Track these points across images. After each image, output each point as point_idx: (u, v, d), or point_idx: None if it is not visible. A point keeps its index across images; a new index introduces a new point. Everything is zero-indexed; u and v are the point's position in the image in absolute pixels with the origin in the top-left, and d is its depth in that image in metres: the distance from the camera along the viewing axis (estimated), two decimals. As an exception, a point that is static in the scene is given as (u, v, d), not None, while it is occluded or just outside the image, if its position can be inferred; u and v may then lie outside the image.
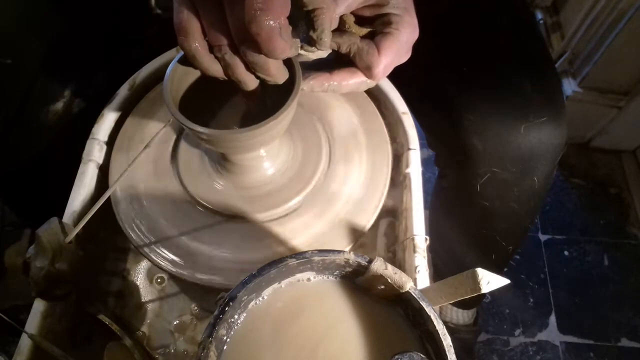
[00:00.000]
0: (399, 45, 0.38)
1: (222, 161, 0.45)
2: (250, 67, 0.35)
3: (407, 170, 0.49)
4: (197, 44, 0.34)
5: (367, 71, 0.39)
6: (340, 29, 0.38)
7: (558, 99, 0.57)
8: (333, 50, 0.40)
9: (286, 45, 0.31)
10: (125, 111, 0.52)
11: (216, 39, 0.34)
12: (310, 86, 0.39)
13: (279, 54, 0.32)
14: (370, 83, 0.40)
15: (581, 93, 1.19)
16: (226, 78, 0.37)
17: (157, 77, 0.54)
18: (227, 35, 0.33)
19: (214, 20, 0.33)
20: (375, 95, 0.54)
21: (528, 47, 0.59)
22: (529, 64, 0.57)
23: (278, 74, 0.36)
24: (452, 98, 0.57)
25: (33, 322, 0.40)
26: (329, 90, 0.40)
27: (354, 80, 0.40)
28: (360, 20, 0.39)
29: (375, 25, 0.39)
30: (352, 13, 0.38)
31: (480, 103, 0.55)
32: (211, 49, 0.35)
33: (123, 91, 0.52)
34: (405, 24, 0.37)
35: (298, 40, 0.34)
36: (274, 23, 0.30)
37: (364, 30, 0.39)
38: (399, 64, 0.40)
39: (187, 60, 0.38)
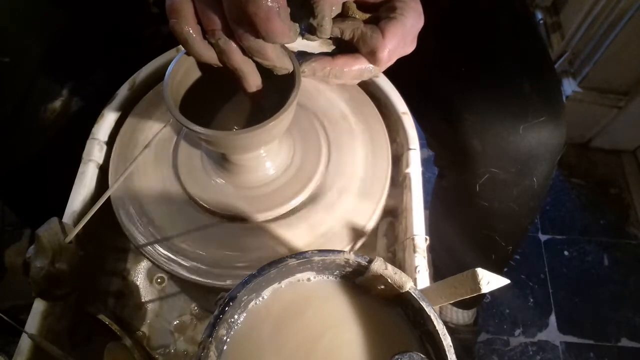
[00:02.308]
0: (404, 31, 0.36)
1: (222, 161, 0.45)
2: (246, 53, 0.34)
3: (407, 170, 0.49)
4: (190, 28, 0.32)
5: (371, 56, 0.37)
6: (344, 15, 0.37)
7: (557, 99, 0.57)
8: (336, 43, 0.39)
9: (285, 27, 0.30)
10: (125, 111, 0.52)
11: (210, 22, 0.32)
12: (312, 68, 0.38)
13: (278, 37, 0.31)
14: (374, 70, 0.39)
15: (581, 93, 1.19)
16: (221, 65, 0.35)
17: (157, 77, 0.54)
18: (222, 19, 0.32)
19: (207, 2, 0.31)
20: (375, 95, 0.54)
21: (528, 48, 0.59)
22: (529, 64, 0.57)
23: (277, 58, 0.35)
24: (451, 98, 0.57)
25: (33, 322, 0.40)
26: (331, 77, 0.38)
27: (358, 67, 0.38)
28: (364, 8, 0.38)
29: (379, 12, 0.38)
30: (355, 1, 0.37)
31: (479, 103, 0.55)
32: (205, 34, 0.33)
33: (123, 91, 0.52)
34: (410, 10, 0.37)
35: (297, 25, 0.33)
36: (272, 3, 0.29)
37: (368, 16, 0.38)
38: (404, 54, 0.39)
39: (188, 59, 0.38)
